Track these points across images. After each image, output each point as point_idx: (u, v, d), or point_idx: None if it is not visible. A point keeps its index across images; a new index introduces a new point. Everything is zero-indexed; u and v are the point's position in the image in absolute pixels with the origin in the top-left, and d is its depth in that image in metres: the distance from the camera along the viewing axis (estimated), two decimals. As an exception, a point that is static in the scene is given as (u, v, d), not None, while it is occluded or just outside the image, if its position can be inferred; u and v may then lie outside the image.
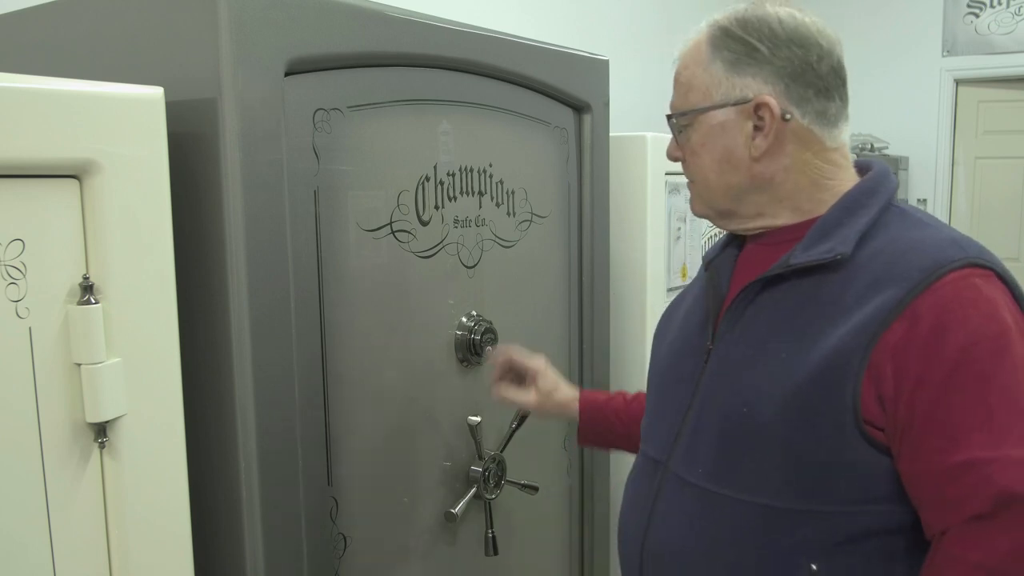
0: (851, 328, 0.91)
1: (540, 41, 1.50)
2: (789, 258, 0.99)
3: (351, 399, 1.18)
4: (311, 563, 1.13)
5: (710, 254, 1.17)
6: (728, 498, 0.98)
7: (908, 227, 0.99)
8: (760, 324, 1.01)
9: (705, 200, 1.09)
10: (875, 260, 0.95)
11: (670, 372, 1.13)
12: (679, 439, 1.06)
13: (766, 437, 0.95)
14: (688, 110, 1.04)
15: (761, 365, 0.98)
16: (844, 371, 0.90)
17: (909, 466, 0.90)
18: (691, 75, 1.04)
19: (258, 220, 1.01)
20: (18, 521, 0.81)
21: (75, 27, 1.15)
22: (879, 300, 0.91)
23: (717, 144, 1.03)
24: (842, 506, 0.93)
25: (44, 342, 0.82)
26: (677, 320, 1.19)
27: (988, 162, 4.82)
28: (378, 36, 1.17)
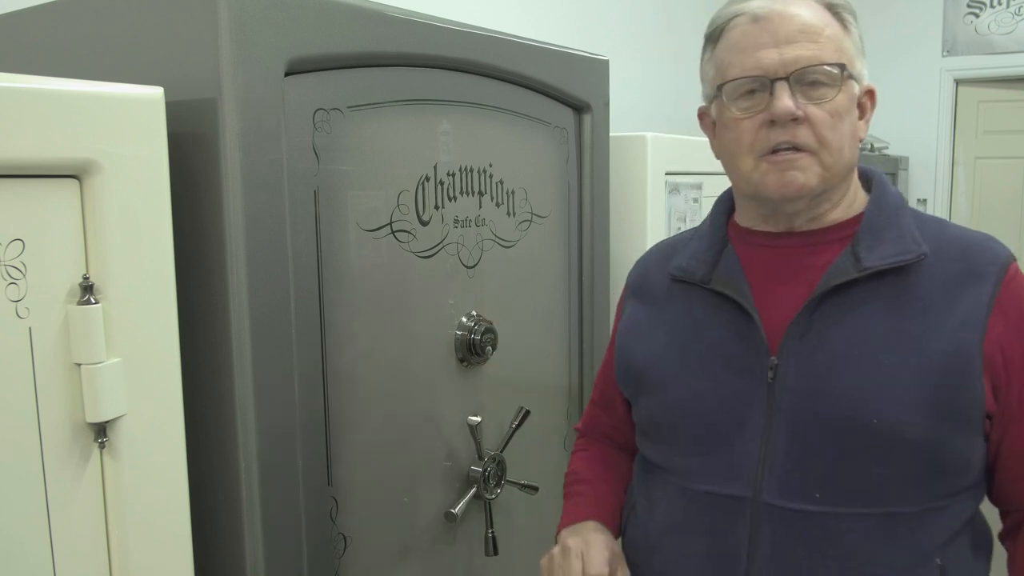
0: (957, 325, 0.93)
1: (540, 41, 1.50)
2: (858, 261, 0.96)
3: (351, 399, 1.18)
4: (311, 563, 1.13)
5: (699, 268, 1.06)
6: (856, 515, 0.93)
7: (939, 225, 1.02)
8: (839, 330, 0.95)
9: (830, 171, 0.97)
10: (941, 257, 0.96)
11: (710, 399, 1.01)
12: (766, 467, 0.96)
13: (902, 444, 0.92)
14: (845, 65, 0.96)
15: (869, 372, 0.93)
16: (969, 368, 0.92)
17: (1017, 443, 0.96)
18: (835, 35, 0.96)
19: (258, 220, 1.01)
20: (18, 521, 0.81)
21: (75, 27, 1.15)
22: (970, 296, 0.94)
23: (852, 115, 0.98)
24: (955, 497, 0.96)
25: (44, 342, 0.82)
26: (665, 340, 1.08)
27: (988, 162, 4.82)
28: (378, 36, 1.17)
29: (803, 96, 0.95)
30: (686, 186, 2.10)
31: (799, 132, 0.95)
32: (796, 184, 0.96)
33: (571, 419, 1.66)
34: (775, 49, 0.95)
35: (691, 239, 1.13)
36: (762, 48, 0.96)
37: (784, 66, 0.94)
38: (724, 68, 1.00)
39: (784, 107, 0.93)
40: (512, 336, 1.45)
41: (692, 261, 1.08)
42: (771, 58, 0.95)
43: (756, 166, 0.98)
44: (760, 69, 0.95)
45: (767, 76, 0.95)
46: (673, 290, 1.10)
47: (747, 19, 0.98)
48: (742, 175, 1.01)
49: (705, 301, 1.05)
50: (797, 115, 0.94)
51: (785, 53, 0.94)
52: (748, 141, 0.98)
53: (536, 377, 1.57)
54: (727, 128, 1.01)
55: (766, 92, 0.95)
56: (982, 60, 4.65)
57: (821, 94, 0.95)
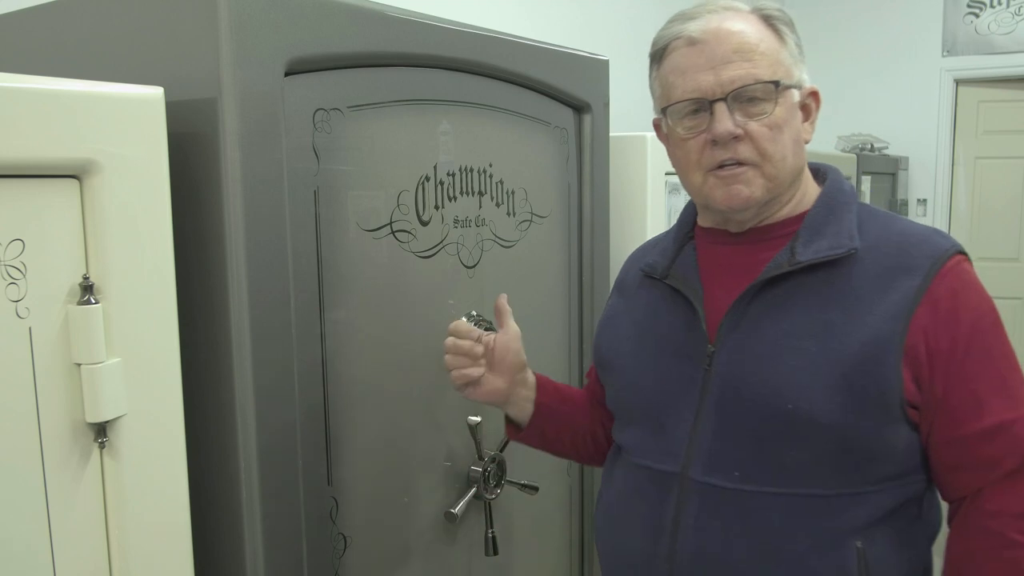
0: (880, 316, 0.97)
1: (540, 41, 1.50)
2: (792, 256, 1.01)
3: (351, 399, 1.18)
4: (311, 563, 1.13)
5: (658, 263, 1.14)
6: (770, 495, 0.99)
7: (886, 220, 1.06)
8: (770, 321, 1.01)
9: (774, 180, 1.02)
10: (877, 252, 1.01)
11: (657, 382, 1.10)
12: (693, 447, 1.04)
13: (816, 430, 0.97)
14: (779, 81, 1.01)
15: (790, 360, 0.98)
16: (885, 357, 0.96)
17: (943, 435, 0.98)
18: (771, 49, 1.01)
19: (258, 220, 1.01)
20: (18, 521, 0.81)
21: (75, 27, 1.15)
22: (899, 288, 0.98)
23: (793, 124, 1.03)
24: (881, 484, 1.00)
25: (44, 342, 0.82)
26: (629, 330, 1.16)
27: (988, 162, 4.82)
28: (378, 36, 1.17)
29: (742, 113, 1.00)
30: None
31: (740, 148, 1.00)
32: (741, 197, 1.02)
33: (571, 419, 1.66)
34: (711, 72, 1.00)
35: (664, 238, 1.21)
36: (700, 71, 1.01)
37: (721, 87, 1.00)
38: (667, 90, 1.05)
39: (723, 128, 0.99)
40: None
41: (658, 258, 1.15)
42: (708, 80, 1.00)
43: (704, 180, 1.04)
44: (699, 92, 1.01)
45: (706, 98, 1.00)
46: (642, 285, 1.18)
47: (684, 42, 1.03)
48: (693, 187, 1.07)
49: (663, 294, 1.13)
50: (737, 134, 0.99)
51: (721, 74, 1.00)
52: (695, 158, 1.04)
53: (536, 377, 1.57)
54: (676, 145, 1.07)
55: (707, 112, 1.01)
56: (982, 60, 4.65)
57: (760, 109, 1.00)
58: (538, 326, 1.56)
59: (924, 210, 4.83)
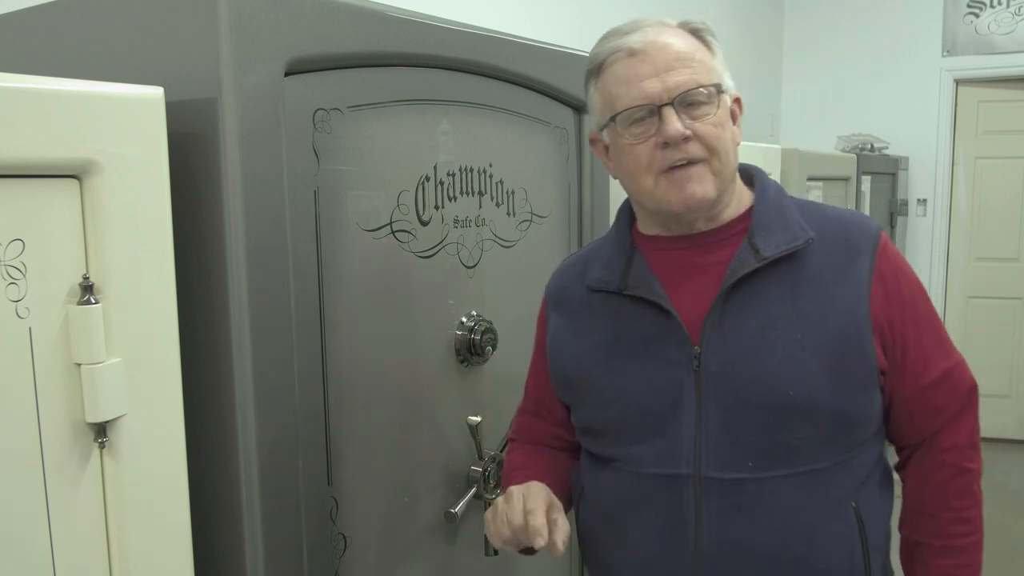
0: (847, 297, 1.06)
1: (540, 41, 1.50)
2: (757, 252, 1.06)
3: (351, 399, 1.18)
4: (311, 563, 1.13)
5: (609, 277, 1.13)
6: (783, 477, 1.05)
7: (818, 208, 1.15)
8: (747, 316, 1.06)
9: (720, 176, 1.07)
10: (825, 238, 1.08)
11: (644, 391, 1.09)
12: (702, 446, 1.06)
13: (817, 410, 1.04)
14: (719, 84, 1.07)
15: (779, 350, 1.04)
16: (860, 334, 1.05)
17: (904, 391, 1.10)
18: (705, 58, 1.08)
19: (258, 220, 1.01)
20: (18, 521, 0.81)
21: (75, 27, 1.15)
22: (855, 269, 1.07)
23: (729, 125, 1.09)
24: (862, 446, 1.10)
25: (44, 342, 0.82)
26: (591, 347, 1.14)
27: (988, 162, 4.82)
28: (378, 36, 1.17)
29: (687, 116, 1.04)
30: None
31: (690, 148, 1.05)
32: (696, 197, 1.06)
33: (571, 419, 1.66)
34: (656, 78, 1.04)
35: (600, 249, 1.20)
36: (645, 78, 1.05)
37: (667, 92, 1.04)
38: (612, 100, 1.08)
39: (675, 129, 1.03)
40: (512, 336, 1.45)
41: (605, 271, 1.15)
42: (654, 87, 1.04)
43: (656, 183, 1.07)
44: (647, 98, 1.04)
45: (654, 103, 1.04)
46: (592, 300, 1.17)
47: (625, 53, 1.06)
48: (644, 192, 1.09)
49: (624, 306, 1.13)
50: (686, 134, 1.04)
51: (666, 80, 1.04)
52: (645, 162, 1.06)
53: (536, 377, 1.57)
54: (624, 152, 1.09)
55: (655, 117, 1.05)
56: (982, 60, 4.65)
57: (703, 112, 1.05)
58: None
59: (924, 210, 4.83)
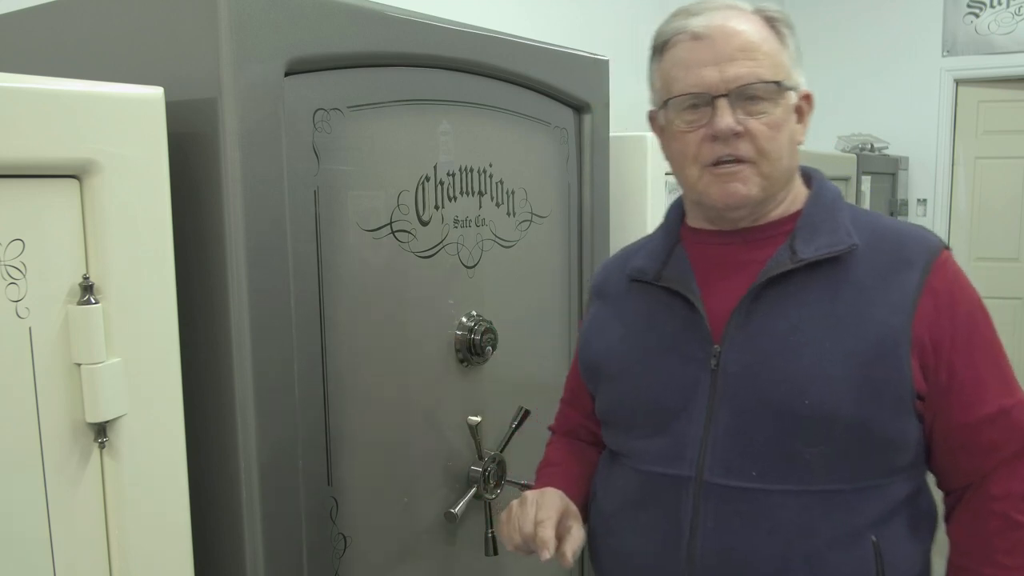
0: (887, 308, 0.98)
1: (540, 41, 1.50)
2: (794, 253, 1.02)
3: (351, 399, 1.18)
4: (311, 563, 1.13)
5: (652, 267, 1.11)
6: (789, 492, 0.99)
7: (874, 218, 1.09)
8: (776, 317, 1.01)
9: (769, 179, 1.03)
10: (874, 247, 1.02)
11: (660, 385, 1.07)
12: (707, 449, 1.02)
13: (834, 424, 0.97)
14: (780, 81, 1.02)
15: (803, 356, 0.99)
16: (897, 349, 0.97)
17: (948, 422, 1.00)
18: (773, 50, 1.03)
19: (258, 220, 1.01)
20: (18, 521, 0.81)
21: (75, 27, 1.15)
22: (902, 281, 1.00)
23: (789, 124, 1.04)
24: (891, 476, 1.01)
25: (44, 342, 0.82)
26: (620, 335, 1.13)
27: (988, 162, 4.82)
28: (378, 36, 1.17)
29: (743, 111, 1.00)
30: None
31: (740, 145, 1.01)
32: (738, 195, 1.02)
33: (571, 419, 1.66)
34: (715, 67, 1.00)
35: (648, 241, 1.19)
36: (703, 66, 1.01)
37: (724, 83, 1.00)
38: (669, 82, 1.05)
39: (725, 124, 0.99)
40: (512, 336, 1.45)
41: (646, 261, 1.14)
42: (712, 76, 1.00)
43: (700, 176, 1.04)
44: (702, 86, 1.01)
45: (708, 93, 1.00)
46: (631, 289, 1.16)
47: (688, 36, 1.03)
48: (688, 183, 1.07)
49: (658, 297, 1.11)
50: (737, 130, 1.00)
51: (725, 71, 1.00)
52: (692, 152, 1.03)
53: (536, 377, 1.57)
54: (673, 138, 1.06)
55: (708, 107, 1.01)
56: (982, 60, 4.65)
57: (760, 108, 1.00)
58: (538, 326, 1.56)
59: (924, 210, 4.83)
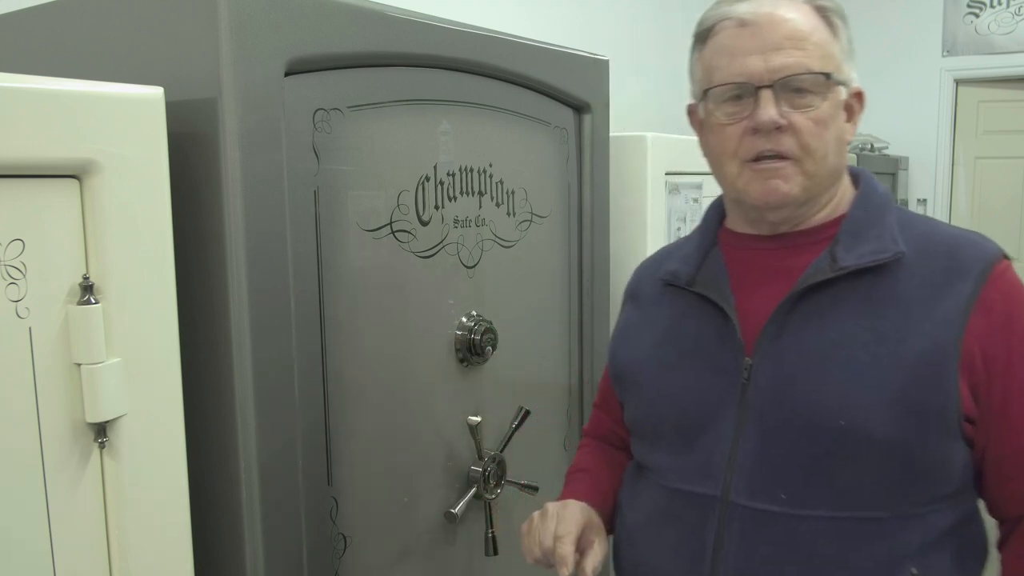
0: (935, 323, 0.91)
1: (540, 41, 1.50)
2: (834, 261, 0.95)
3: (351, 399, 1.18)
4: (311, 563, 1.13)
5: (685, 271, 1.06)
6: (821, 519, 0.92)
7: (926, 224, 1.01)
8: (813, 330, 0.95)
9: (813, 179, 0.96)
10: (923, 256, 0.95)
11: (688, 397, 1.02)
12: (733, 467, 0.96)
13: (871, 447, 0.91)
14: (830, 73, 0.95)
15: (839, 373, 0.92)
16: (943, 366, 0.90)
17: (1002, 448, 0.93)
18: (823, 40, 0.96)
19: (258, 220, 1.01)
20: (18, 521, 0.81)
21: (75, 27, 1.15)
22: (952, 294, 0.92)
23: (837, 121, 0.97)
24: (935, 504, 0.94)
25: (44, 342, 0.82)
26: (650, 342, 1.09)
27: (988, 162, 4.82)
28: (378, 36, 1.17)
29: (788, 104, 0.94)
30: (686, 186, 2.10)
31: (783, 140, 0.94)
32: (779, 193, 0.96)
33: (571, 419, 1.66)
34: (761, 56, 0.94)
35: (684, 244, 1.14)
36: (748, 54, 0.95)
37: (769, 73, 0.94)
38: (710, 71, 0.99)
39: (768, 116, 0.93)
40: (512, 336, 1.45)
41: (680, 265, 1.08)
42: (756, 65, 0.94)
43: (740, 172, 0.98)
44: (745, 76, 0.95)
45: (752, 83, 0.95)
46: (664, 294, 1.11)
47: (734, 23, 0.97)
48: (727, 179, 1.01)
49: (690, 303, 1.06)
50: (780, 124, 0.93)
51: (771, 60, 0.94)
52: (732, 147, 0.97)
53: (536, 377, 1.57)
54: (713, 131, 1.00)
55: (751, 99, 0.95)
56: (982, 60, 4.65)
57: (807, 102, 0.94)
58: (538, 326, 1.56)
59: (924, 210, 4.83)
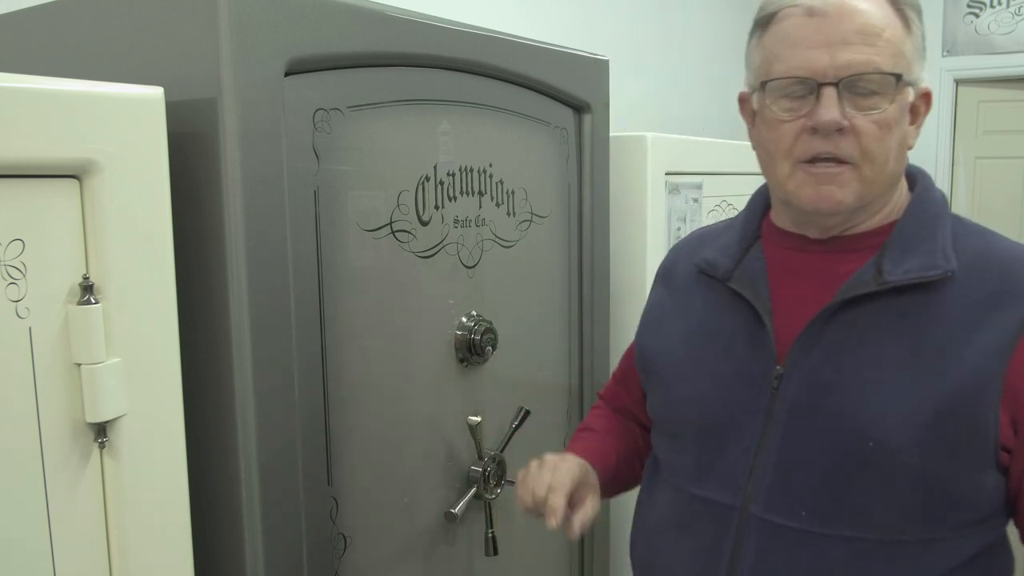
0: (980, 349, 0.86)
1: (540, 41, 1.50)
2: (879, 274, 0.90)
3: (351, 399, 1.18)
4: (311, 563, 1.13)
5: (723, 264, 1.01)
6: (841, 538, 0.89)
7: (983, 237, 0.95)
8: (851, 347, 0.90)
9: (870, 186, 0.90)
10: (975, 275, 0.89)
11: (714, 401, 0.99)
12: (755, 478, 0.94)
13: (898, 471, 0.87)
14: (900, 74, 0.88)
15: (874, 394, 0.88)
16: (984, 396, 0.86)
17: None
18: (896, 37, 0.88)
19: (258, 220, 1.01)
20: (18, 521, 0.81)
21: (75, 27, 1.15)
22: (1002, 319, 0.87)
23: (902, 125, 0.90)
24: (960, 529, 0.90)
25: (44, 342, 0.82)
26: (680, 335, 1.05)
27: (988, 162, 4.82)
28: (378, 36, 1.17)
29: (851, 104, 0.87)
30: (686, 186, 2.10)
31: (842, 143, 0.88)
32: (832, 200, 0.90)
33: (571, 419, 1.66)
34: (827, 50, 0.87)
35: (724, 231, 1.08)
36: (813, 47, 0.87)
37: (835, 70, 0.87)
38: (770, 62, 0.92)
39: (829, 117, 0.87)
40: (512, 336, 1.45)
41: (718, 255, 1.03)
42: (821, 60, 0.87)
43: (792, 173, 0.92)
44: (808, 71, 0.88)
45: (815, 79, 0.88)
46: (697, 282, 1.06)
47: (802, 11, 0.89)
48: (777, 179, 0.95)
49: (724, 299, 1.01)
50: (842, 126, 0.87)
51: (837, 56, 0.87)
52: (787, 145, 0.91)
53: (536, 377, 1.57)
54: (767, 126, 0.94)
55: (812, 96, 0.88)
56: (982, 60, 4.65)
57: (872, 104, 0.88)
58: (538, 326, 1.56)
59: (924, 210, 4.83)
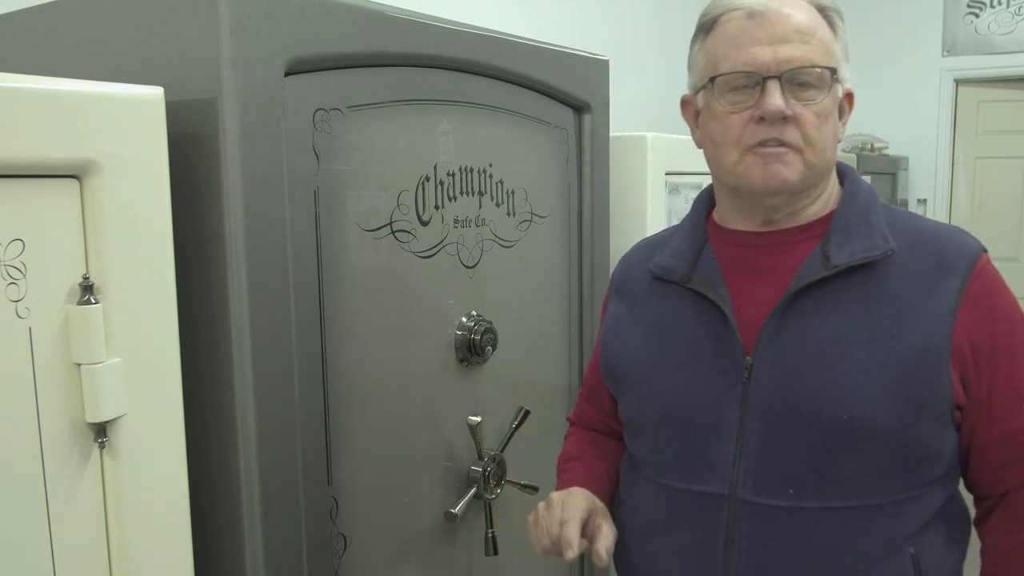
0: (927, 319, 0.95)
1: (540, 41, 1.50)
2: (827, 260, 0.98)
3: (351, 399, 1.18)
4: (311, 563, 1.13)
5: (679, 268, 1.07)
6: (827, 509, 0.96)
7: (911, 219, 1.04)
8: (811, 328, 0.97)
9: (812, 169, 0.99)
10: (913, 252, 0.98)
11: (688, 397, 1.03)
12: (740, 466, 0.98)
13: (873, 439, 0.94)
14: (835, 68, 0.99)
15: (840, 369, 0.95)
16: (937, 360, 0.94)
17: (989, 433, 0.98)
18: (826, 38, 0.99)
19: (258, 220, 1.01)
20: (18, 521, 0.81)
21: (75, 27, 1.15)
22: (941, 289, 0.96)
23: (834, 117, 1.01)
24: (927, 486, 0.99)
25: (44, 342, 0.82)
26: (643, 338, 1.09)
27: (988, 162, 4.82)
28: (378, 36, 1.17)
29: (792, 96, 0.96)
30: (686, 186, 2.10)
31: (786, 130, 0.97)
32: (780, 178, 0.98)
33: (571, 419, 1.66)
34: (769, 47, 0.96)
35: (672, 236, 1.14)
36: (756, 44, 0.97)
37: (777, 64, 0.96)
38: (716, 60, 1.00)
39: (775, 106, 0.95)
40: (512, 336, 1.45)
41: (672, 260, 1.09)
42: (765, 55, 0.96)
43: (741, 159, 0.99)
44: (753, 65, 0.97)
45: (759, 73, 0.96)
46: (653, 288, 1.11)
47: (743, 14, 0.98)
48: (725, 167, 1.02)
49: (684, 300, 1.07)
50: (787, 114, 0.96)
51: (779, 52, 0.96)
52: (735, 135, 0.99)
53: (536, 377, 1.57)
54: (714, 119, 1.01)
55: (757, 88, 0.97)
56: (982, 60, 4.65)
57: (809, 95, 0.97)
58: (538, 326, 1.56)
59: (924, 210, 4.83)
